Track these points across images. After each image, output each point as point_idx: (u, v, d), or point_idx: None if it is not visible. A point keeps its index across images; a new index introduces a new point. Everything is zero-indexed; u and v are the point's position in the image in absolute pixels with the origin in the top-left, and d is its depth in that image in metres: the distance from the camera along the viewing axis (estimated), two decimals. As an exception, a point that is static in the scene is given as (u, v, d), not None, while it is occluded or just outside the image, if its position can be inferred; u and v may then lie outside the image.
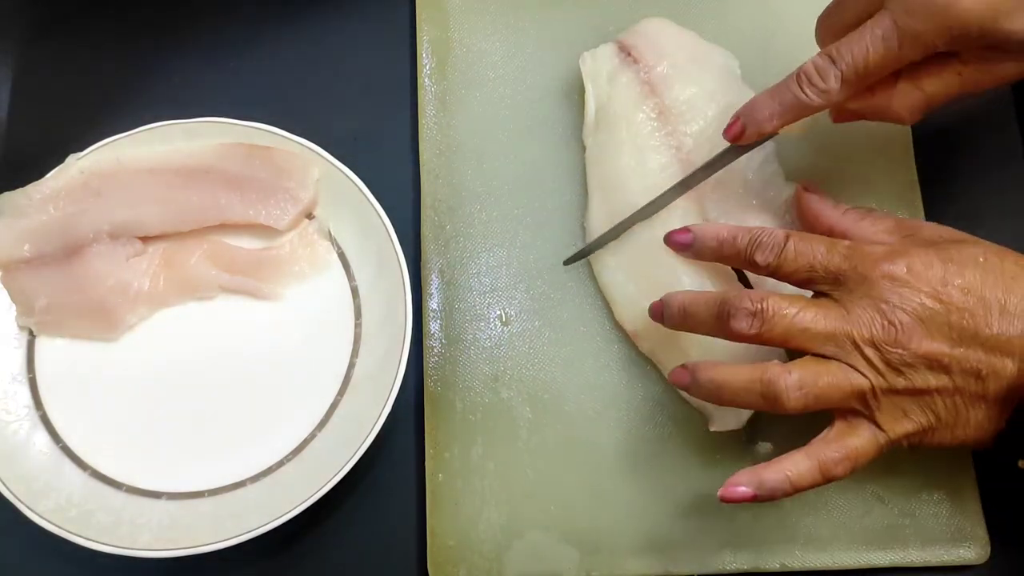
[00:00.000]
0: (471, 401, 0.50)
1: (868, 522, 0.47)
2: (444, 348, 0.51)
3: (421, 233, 0.52)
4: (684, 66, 0.51)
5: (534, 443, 0.49)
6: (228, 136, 0.52)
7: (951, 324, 0.41)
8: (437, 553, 0.47)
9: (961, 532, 0.47)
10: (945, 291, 0.41)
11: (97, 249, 0.51)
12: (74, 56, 0.57)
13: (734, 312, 0.42)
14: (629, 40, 0.52)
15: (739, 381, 0.42)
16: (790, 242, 0.43)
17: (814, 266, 0.42)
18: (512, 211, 0.53)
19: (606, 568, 0.47)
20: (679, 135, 0.50)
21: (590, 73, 0.52)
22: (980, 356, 0.41)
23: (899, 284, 0.41)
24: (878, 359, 0.41)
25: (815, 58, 0.44)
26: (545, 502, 0.48)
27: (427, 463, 0.49)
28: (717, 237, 0.45)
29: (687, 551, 0.47)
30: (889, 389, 0.41)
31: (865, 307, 0.41)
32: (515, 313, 0.51)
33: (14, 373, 0.50)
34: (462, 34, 0.56)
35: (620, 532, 0.47)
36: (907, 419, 0.42)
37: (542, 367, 0.50)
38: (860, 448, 0.42)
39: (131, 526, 0.46)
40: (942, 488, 0.48)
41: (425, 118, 0.54)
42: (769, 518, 0.47)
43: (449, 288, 0.51)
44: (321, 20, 0.58)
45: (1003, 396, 0.41)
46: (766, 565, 0.47)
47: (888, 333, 0.41)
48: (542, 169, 0.53)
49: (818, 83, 0.44)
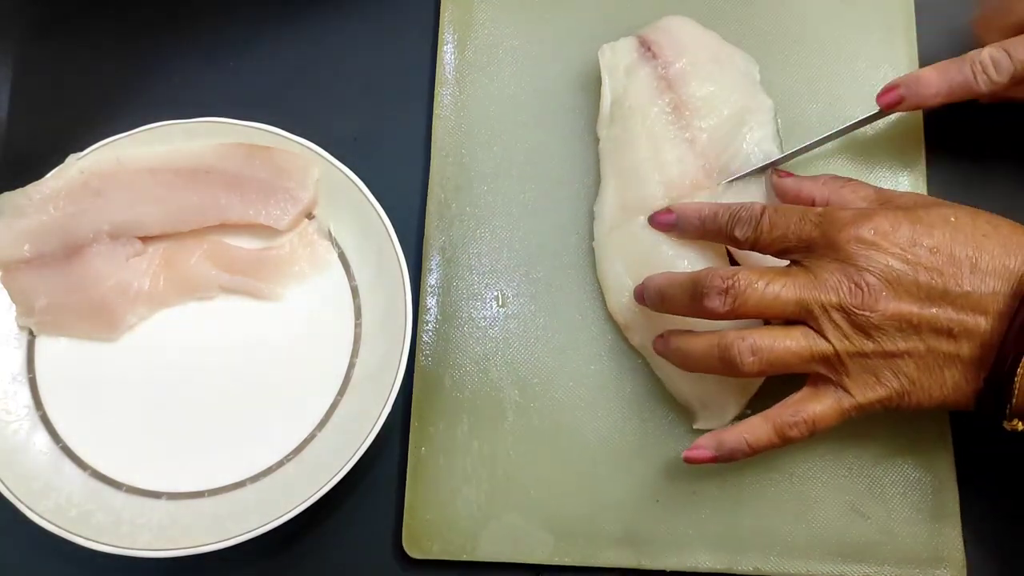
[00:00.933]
0: (460, 379, 0.50)
1: (847, 535, 0.47)
2: (438, 324, 0.51)
3: (426, 209, 0.53)
4: (703, 64, 0.51)
5: (519, 426, 0.49)
6: (228, 136, 0.52)
7: (919, 284, 0.41)
8: (413, 526, 0.48)
9: (939, 554, 0.46)
10: (913, 251, 0.41)
11: (97, 249, 0.51)
12: (74, 56, 0.57)
13: (706, 291, 0.43)
14: (650, 36, 0.52)
15: (700, 347, 0.44)
16: (765, 215, 0.44)
17: (787, 235, 0.43)
18: (519, 195, 0.53)
19: (580, 556, 0.47)
20: (693, 129, 0.50)
21: (608, 65, 0.52)
22: (951, 315, 0.41)
23: (866, 246, 0.41)
24: (845, 323, 0.41)
25: (992, 50, 0.46)
26: (525, 485, 0.48)
27: (411, 436, 0.49)
28: (699, 215, 0.46)
29: (662, 547, 0.47)
30: (857, 353, 0.41)
31: (832, 271, 0.41)
32: (512, 296, 0.51)
33: (14, 373, 0.50)
34: (484, 15, 0.56)
35: (597, 522, 0.48)
36: (879, 384, 0.42)
37: (534, 351, 0.50)
38: (819, 413, 0.42)
39: (131, 526, 0.46)
40: (924, 508, 0.47)
41: (440, 96, 0.55)
42: (748, 522, 0.47)
43: (449, 266, 0.52)
44: (321, 20, 0.58)
45: (978, 355, 0.41)
46: (740, 568, 0.47)
47: (855, 296, 0.41)
48: (552, 156, 0.53)
49: (992, 74, 0.46)
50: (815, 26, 0.55)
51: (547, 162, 0.53)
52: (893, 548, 0.47)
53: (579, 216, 0.52)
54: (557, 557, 0.47)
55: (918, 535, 0.47)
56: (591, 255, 0.52)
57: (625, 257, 0.50)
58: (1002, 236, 0.41)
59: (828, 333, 0.42)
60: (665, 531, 0.47)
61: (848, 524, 0.47)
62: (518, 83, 0.55)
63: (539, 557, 0.47)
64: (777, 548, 0.47)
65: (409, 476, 0.48)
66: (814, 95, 0.53)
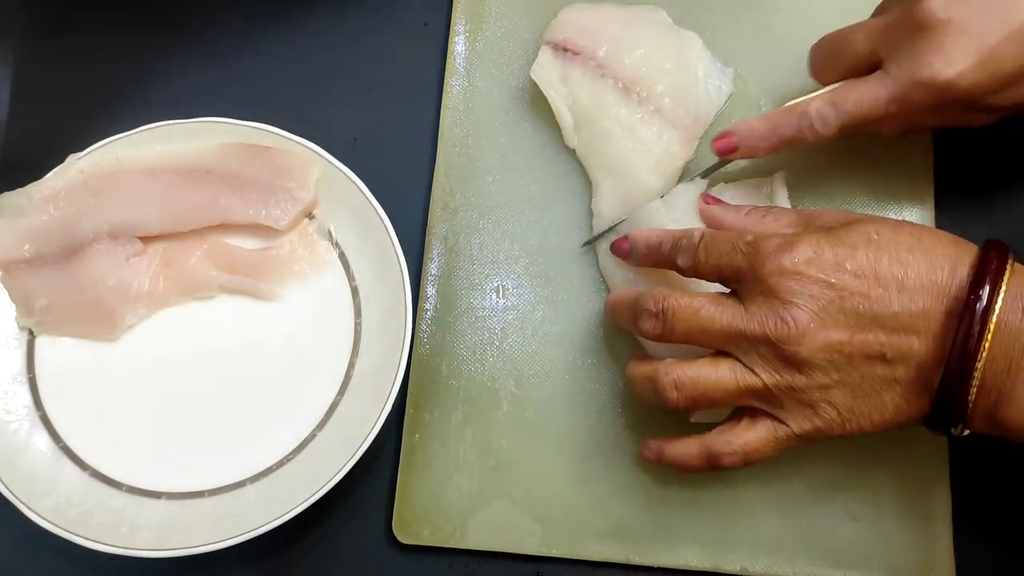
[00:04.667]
0: (456, 368, 0.50)
1: (836, 537, 0.47)
2: (437, 313, 0.51)
3: (431, 196, 0.53)
4: (620, 35, 0.52)
5: (513, 416, 0.49)
6: (228, 136, 0.52)
7: (846, 311, 0.39)
8: (404, 511, 0.48)
9: (929, 558, 0.46)
10: (838, 276, 0.39)
11: (97, 249, 0.51)
12: (74, 56, 0.57)
13: (639, 312, 0.43)
14: (558, 36, 0.53)
15: (639, 374, 0.44)
16: (702, 243, 0.43)
17: (720, 265, 0.42)
18: (523, 188, 0.53)
19: (568, 548, 0.47)
20: (654, 98, 0.51)
21: (545, 83, 0.52)
22: (882, 338, 0.39)
23: (789, 277, 0.40)
24: (774, 356, 0.40)
25: (819, 104, 0.46)
26: (516, 475, 0.48)
27: (405, 423, 0.49)
28: (647, 243, 0.46)
29: (651, 542, 0.47)
30: (788, 387, 0.40)
31: (759, 304, 0.40)
32: (512, 287, 0.52)
33: (14, 373, 0.50)
34: (497, 8, 0.56)
35: (587, 515, 0.48)
36: (816, 415, 0.41)
37: (531, 343, 0.51)
38: (751, 443, 0.42)
39: (131, 526, 0.46)
40: (915, 514, 0.47)
41: (450, 87, 0.55)
42: (737, 520, 0.47)
43: (451, 255, 0.52)
44: (321, 20, 0.58)
45: (915, 376, 0.39)
46: (727, 566, 0.47)
47: (781, 330, 0.39)
48: (558, 151, 0.53)
49: (819, 128, 0.46)
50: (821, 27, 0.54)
51: (553, 156, 0.53)
52: (882, 552, 0.47)
53: (582, 210, 0.52)
54: (545, 548, 0.47)
55: (908, 538, 0.47)
56: (592, 249, 0.52)
57: None
58: (926, 249, 0.40)
59: (756, 367, 0.41)
60: (654, 527, 0.47)
61: (838, 526, 0.47)
62: (528, 76, 0.54)
63: (528, 547, 0.47)
64: (765, 547, 0.47)
65: (402, 462, 0.49)
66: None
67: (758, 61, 0.54)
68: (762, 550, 0.47)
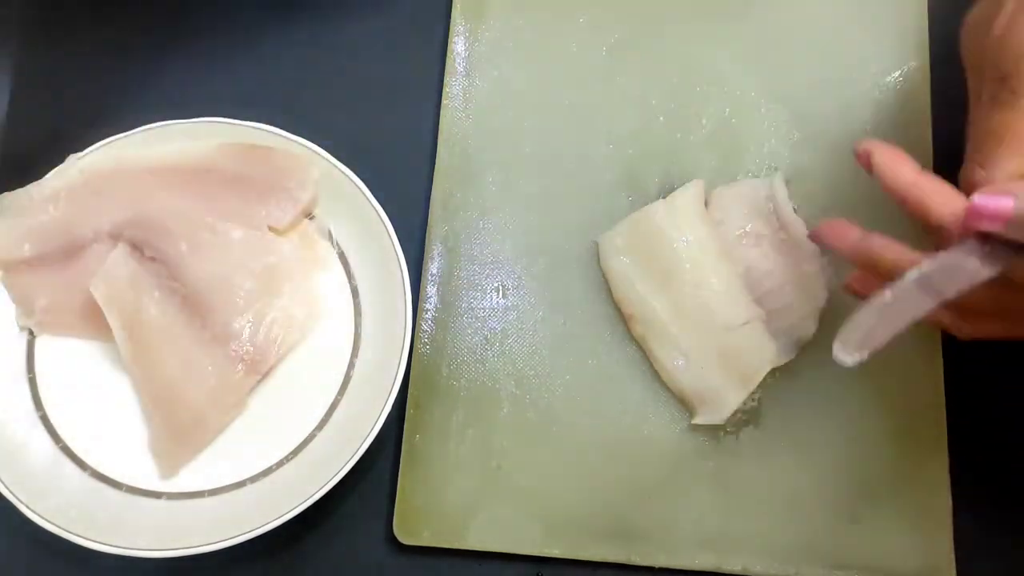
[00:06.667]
0: (457, 368, 0.50)
1: (838, 541, 0.47)
2: (438, 313, 0.51)
3: (431, 197, 0.53)
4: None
5: (514, 417, 0.49)
6: (228, 136, 0.52)
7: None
8: (405, 512, 0.48)
9: (929, 560, 0.46)
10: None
11: (97, 249, 0.51)
12: (74, 56, 0.57)
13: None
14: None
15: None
16: None
17: None
18: (523, 188, 0.53)
19: (568, 549, 0.47)
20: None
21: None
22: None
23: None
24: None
25: None
26: (517, 476, 0.48)
27: (406, 423, 0.49)
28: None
29: (652, 543, 0.47)
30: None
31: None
32: (513, 287, 0.52)
33: (14, 373, 0.50)
34: (497, 8, 0.56)
35: (587, 516, 0.48)
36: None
37: (532, 343, 0.51)
38: None
39: (131, 526, 0.46)
40: (916, 514, 0.47)
41: (449, 87, 0.55)
42: (738, 521, 0.47)
43: (451, 255, 0.52)
44: (321, 20, 0.58)
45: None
46: (728, 567, 0.47)
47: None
48: (560, 150, 0.54)
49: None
50: (825, 28, 0.54)
51: (555, 156, 0.53)
52: (883, 551, 0.47)
53: (582, 210, 0.52)
54: (547, 548, 0.47)
55: (908, 539, 0.47)
56: (593, 249, 0.52)
57: (631, 251, 0.50)
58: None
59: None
60: (655, 527, 0.47)
61: (839, 527, 0.47)
62: (527, 77, 0.55)
63: (528, 547, 0.47)
64: (767, 548, 0.47)
65: (403, 463, 0.49)
66: (824, 97, 0.53)
67: (759, 61, 0.54)
68: (764, 551, 0.47)
